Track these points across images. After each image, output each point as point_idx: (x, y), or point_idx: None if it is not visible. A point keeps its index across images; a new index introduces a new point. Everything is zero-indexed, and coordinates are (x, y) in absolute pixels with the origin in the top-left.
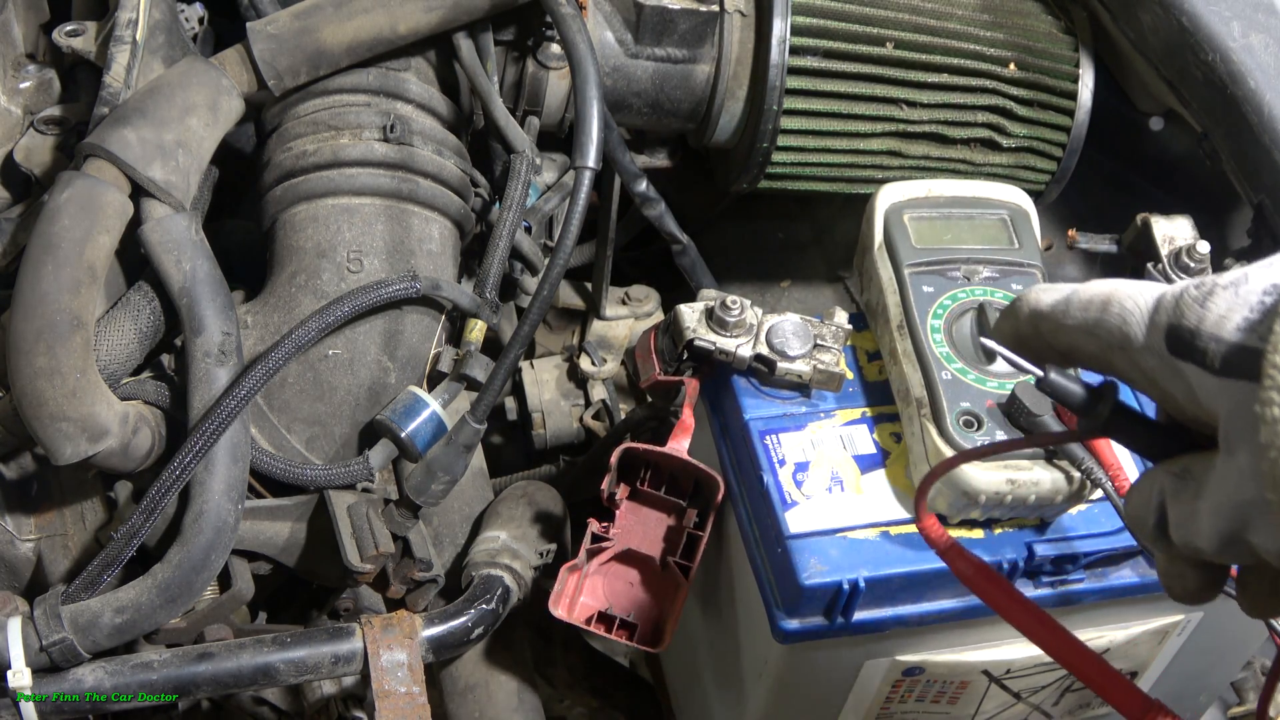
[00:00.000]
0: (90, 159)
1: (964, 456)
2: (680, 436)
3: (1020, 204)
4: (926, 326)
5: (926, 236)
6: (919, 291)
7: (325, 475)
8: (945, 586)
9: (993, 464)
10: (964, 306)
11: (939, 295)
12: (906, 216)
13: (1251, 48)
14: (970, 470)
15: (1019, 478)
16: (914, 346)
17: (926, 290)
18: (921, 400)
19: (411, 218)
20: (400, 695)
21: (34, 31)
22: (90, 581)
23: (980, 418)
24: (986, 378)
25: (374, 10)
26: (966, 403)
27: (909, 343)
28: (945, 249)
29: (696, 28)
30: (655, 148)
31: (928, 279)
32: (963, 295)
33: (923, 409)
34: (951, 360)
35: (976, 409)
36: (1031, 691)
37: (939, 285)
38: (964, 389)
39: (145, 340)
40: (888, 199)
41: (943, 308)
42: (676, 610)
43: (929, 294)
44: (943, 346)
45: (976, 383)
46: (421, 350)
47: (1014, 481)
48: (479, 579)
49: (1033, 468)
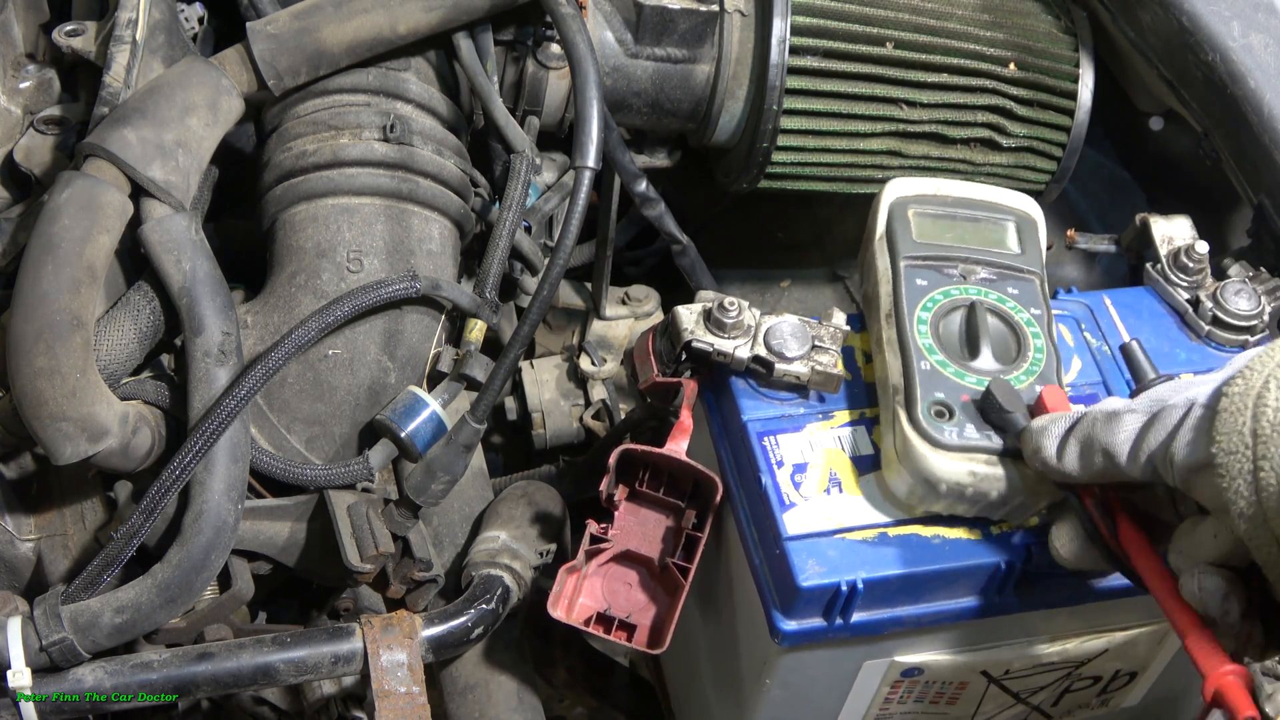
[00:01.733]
0: (90, 159)
1: None
2: (679, 438)
3: (1029, 212)
4: (914, 318)
5: (928, 232)
6: (912, 284)
7: (325, 475)
8: (944, 587)
9: (957, 455)
10: (955, 303)
11: (931, 289)
12: (911, 211)
13: (1251, 48)
14: (934, 458)
15: (982, 471)
16: (898, 335)
17: (920, 283)
18: (898, 387)
19: (411, 218)
20: (400, 695)
21: (34, 31)
22: (90, 581)
23: (952, 409)
24: (966, 373)
25: (374, 10)
26: (941, 394)
27: (894, 331)
28: (945, 246)
29: (696, 28)
30: (655, 148)
31: (923, 273)
32: (955, 292)
33: (897, 395)
34: (933, 352)
35: (950, 401)
36: (1030, 692)
37: (933, 280)
38: (941, 380)
39: (145, 340)
40: (894, 192)
41: (933, 301)
42: (675, 611)
43: (921, 287)
44: (926, 338)
45: (955, 376)
46: (421, 350)
47: (975, 474)
48: (479, 579)
49: (997, 464)
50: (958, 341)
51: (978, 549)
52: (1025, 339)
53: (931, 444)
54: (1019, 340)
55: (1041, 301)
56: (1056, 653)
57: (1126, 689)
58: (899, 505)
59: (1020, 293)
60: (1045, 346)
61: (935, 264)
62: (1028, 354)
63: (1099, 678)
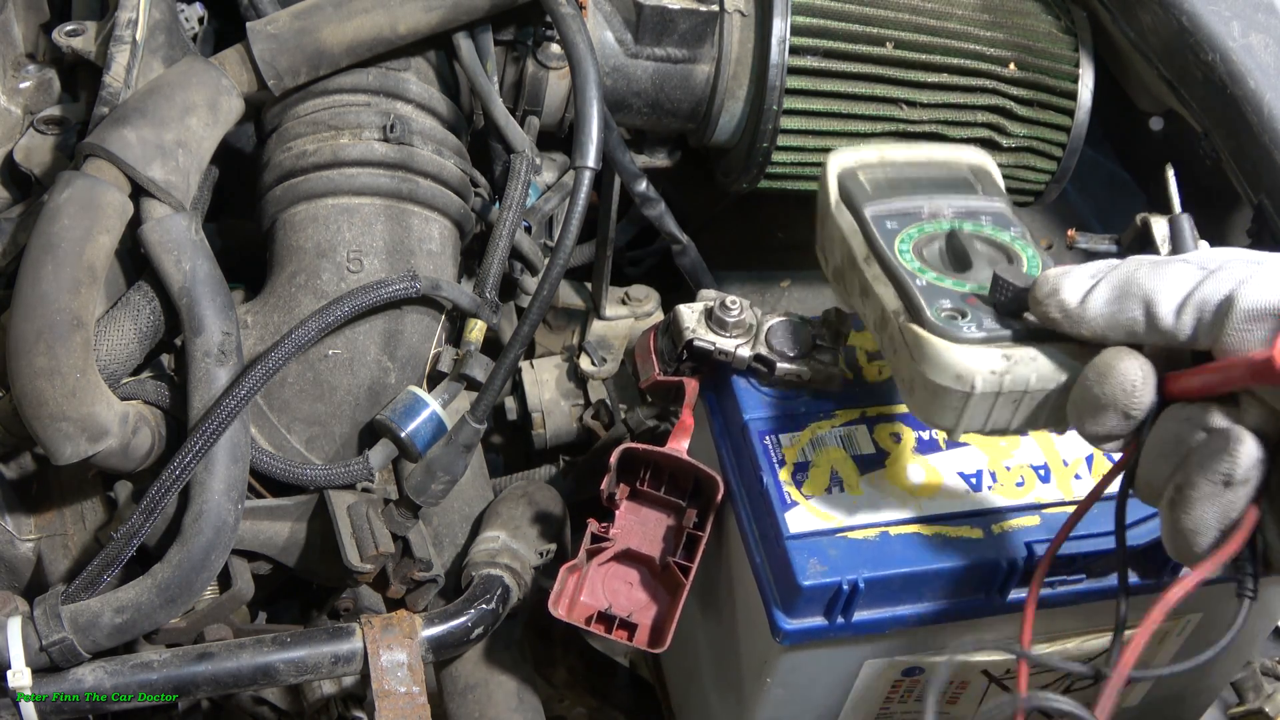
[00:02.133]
0: (90, 159)
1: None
2: (680, 437)
3: (979, 161)
4: (894, 249)
5: (885, 191)
6: (883, 227)
7: (325, 475)
8: (945, 586)
9: (982, 346)
10: (932, 236)
11: (904, 228)
12: (862, 175)
13: (1251, 48)
14: (959, 352)
15: (1015, 353)
16: (883, 268)
17: (890, 226)
18: (898, 310)
19: (411, 218)
20: (400, 695)
21: (34, 31)
22: (90, 581)
23: (964, 310)
24: (965, 281)
25: (374, 10)
26: (947, 301)
27: (877, 267)
28: (906, 199)
29: (696, 28)
30: (655, 148)
31: (891, 219)
32: (930, 227)
33: (900, 316)
34: (925, 271)
35: (958, 305)
36: None
37: (903, 222)
38: (942, 291)
39: (145, 340)
40: (839, 163)
41: (909, 237)
42: (676, 610)
43: (893, 229)
44: (914, 262)
45: (955, 286)
46: (421, 350)
47: (1009, 357)
48: (479, 579)
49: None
50: (945, 265)
51: (979, 548)
52: (1015, 252)
53: (953, 340)
54: (1008, 255)
55: (1019, 222)
56: (1057, 652)
57: (1127, 689)
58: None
59: (994, 219)
60: (1037, 255)
61: (901, 212)
62: (1021, 263)
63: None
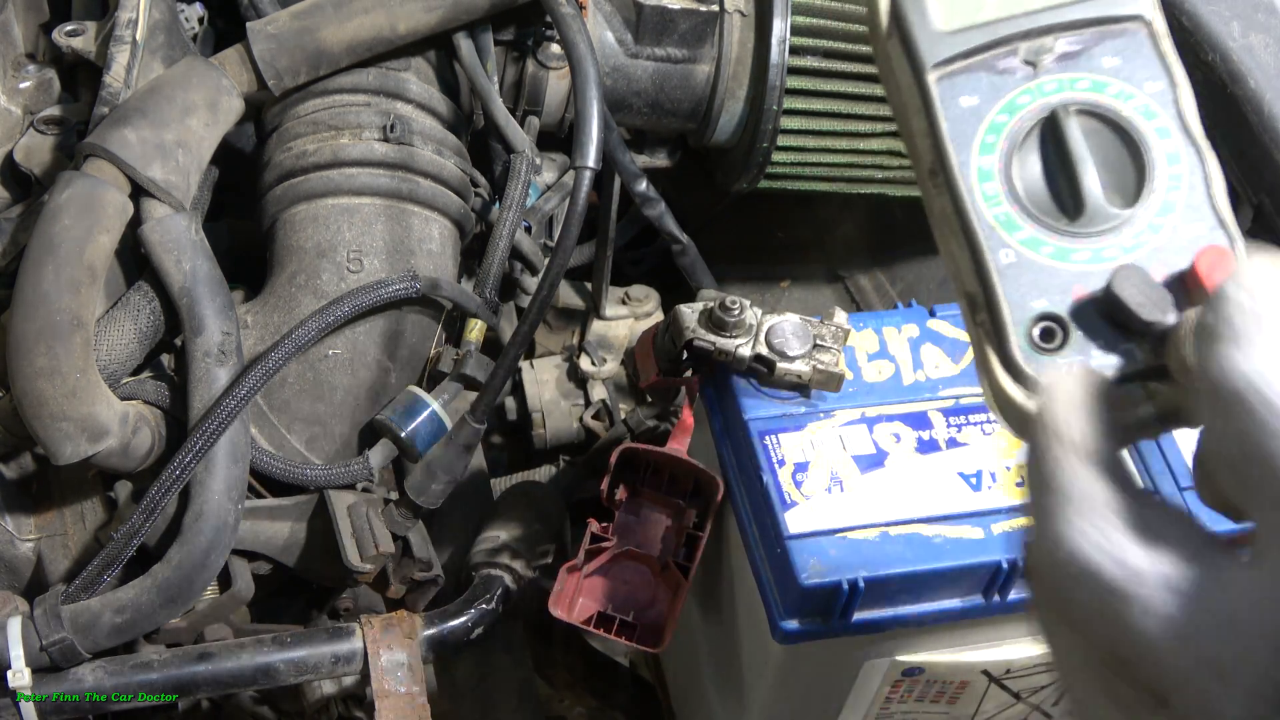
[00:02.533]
0: (90, 159)
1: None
2: (680, 437)
3: None
4: (972, 172)
5: (957, 9)
6: (954, 109)
7: (325, 475)
8: (945, 586)
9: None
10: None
11: (987, 109)
12: None
13: (1251, 48)
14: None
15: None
16: (955, 208)
17: (965, 104)
18: (975, 299)
19: (411, 218)
20: (400, 695)
21: (34, 31)
22: (90, 581)
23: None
24: (1071, 246)
25: (374, 10)
26: (1041, 299)
27: (947, 199)
28: (987, 24)
29: (696, 27)
30: (655, 148)
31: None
32: (1024, 99)
33: (978, 314)
34: (1014, 226)
35: (1056, 307)
36: (1031, 691)
37: (985, 90)
38: (1035, 273)
39: (145, 340)
40: None
41: (994, 130)
42: (676, 610)
43: (970, 111)
44: (999, 204)
45: (1055, 259)
46: (421, 350)
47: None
48: (479, 579)
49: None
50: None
51: (979, 548)
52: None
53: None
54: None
55: (1162, 70)
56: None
57: None
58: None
59: (1124, 62)
60: (1183, 154)
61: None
62: (1154, 180)
63: None
